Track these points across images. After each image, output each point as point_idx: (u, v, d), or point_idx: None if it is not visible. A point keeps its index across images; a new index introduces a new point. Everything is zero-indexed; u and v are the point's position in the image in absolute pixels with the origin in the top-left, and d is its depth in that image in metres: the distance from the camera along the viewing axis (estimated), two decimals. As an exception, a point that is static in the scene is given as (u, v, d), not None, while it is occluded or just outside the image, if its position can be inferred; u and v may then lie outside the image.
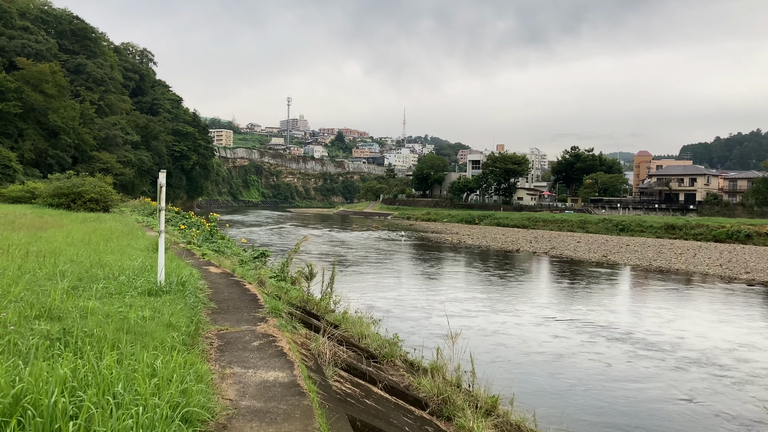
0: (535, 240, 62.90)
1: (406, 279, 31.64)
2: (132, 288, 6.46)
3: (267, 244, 49.46)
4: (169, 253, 11.15)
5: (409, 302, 23.37)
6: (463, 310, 22.08)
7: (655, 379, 14.28)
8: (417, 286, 28.68)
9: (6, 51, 79.05)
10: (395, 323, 17.20)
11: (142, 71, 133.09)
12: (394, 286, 28.02)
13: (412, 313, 20.77)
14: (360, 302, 19.32)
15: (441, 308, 21.41)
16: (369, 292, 25.19)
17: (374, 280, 29.84)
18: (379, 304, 21.77)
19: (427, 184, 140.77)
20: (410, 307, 22.27)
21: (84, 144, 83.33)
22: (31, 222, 16.88)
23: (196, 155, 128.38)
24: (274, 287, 12.44)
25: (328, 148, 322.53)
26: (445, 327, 17.06)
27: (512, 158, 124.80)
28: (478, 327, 19.06)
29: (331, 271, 11.74)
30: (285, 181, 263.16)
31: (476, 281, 31.46)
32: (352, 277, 30.30)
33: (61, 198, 26.91)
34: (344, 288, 21.91)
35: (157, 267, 8.66)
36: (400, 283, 29.52)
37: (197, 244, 18.46)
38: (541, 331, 19.13)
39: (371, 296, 23.89)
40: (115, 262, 8.53)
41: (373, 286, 27.36)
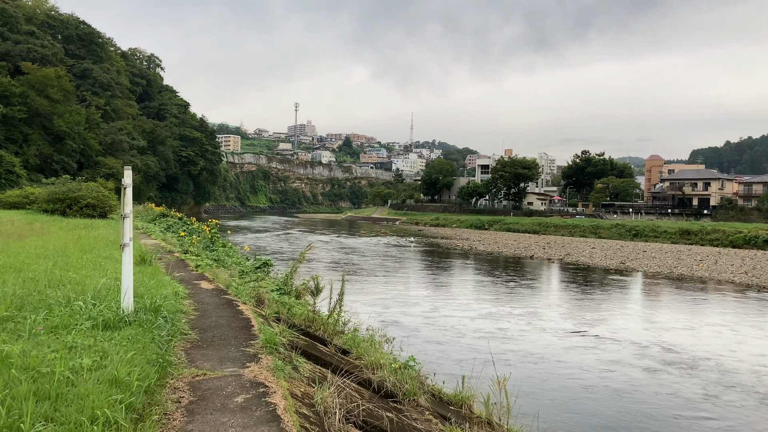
0: (548, 246, 61.28)
1: (421, 288, 29.84)
2: (85, 318, 5.05)
3: (273, 250, 48.10)
4: (155, 267, 9.76)
5: (429, 316, 21.25)
6: (497, 328, 19.62)
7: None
8: (434, 297, 26.68)
9: (11, 56, 78.33)
10: (416, 344, 15.56)
11: (149, 76, 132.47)
12: (409, 297, 26.14)
13: (435, 331, 18.71)
14: (372, 316, 17.81)
15: (467, 326, 19.39)
16: (381, 304, 23.43)
17: (386, 290, 28.10)
18: (395, 318, 20.12)
19: (435, 189, 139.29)
20: (431, 322, 20.16)
21: (89, 149, 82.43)
22: (15, 229, 15.57)
23: (203, 160, 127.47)
24: (276, 303, 11.03)
25: (335, 154, 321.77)
26: (476, 349, 15.51)
27: (522, 162, 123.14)
28: (519, 350, 16.79)
29: (340, 285, 10.29)
30: (293, 186, 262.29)
31: (500, 292, 29.29)
32: (362, 286, 28.68)
33: (57, 203, 25.64)
34: (354, 299, 20.37)
35: (137, 285, 7.27)
36: (414, 294, 27.68)
37: (195, 253, 17.08)
38: (595, 357, 16.54)
39: (384, 309, 22.13)
40: (81, 280, 7.14)
41: (385, 297, 25.48)
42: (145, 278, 7.96)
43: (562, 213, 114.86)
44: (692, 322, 22.51)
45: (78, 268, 8.32)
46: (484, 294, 28.39)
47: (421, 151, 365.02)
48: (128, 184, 5.32)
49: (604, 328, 20.69)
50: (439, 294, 28.06)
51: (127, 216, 5.32)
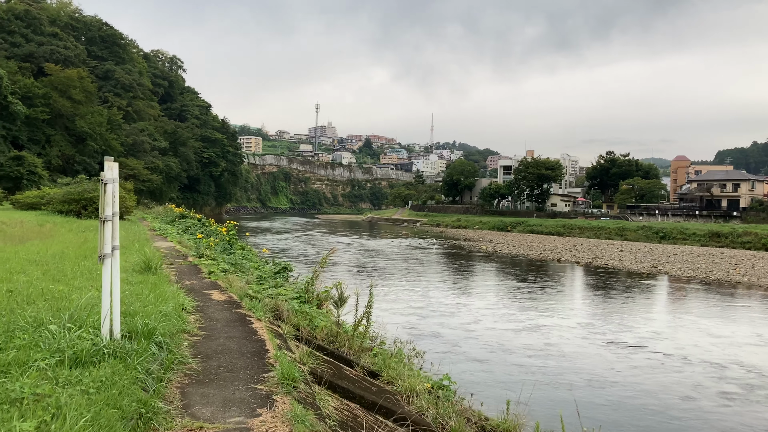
0: (574, 248, 59.63)
1: (450, 294, 27.97)
2: (52, 351, 3.99)
3: (293, 253, 47.22)
4: (160, 275, 8.75)
5: (466, 328, 19.26)
6: (546, 343, 17.44)
7: None
8: (468, 305, 24.64)
9: (35, 57, 78.64)
10: (454, 360, 14.13)
11: (171, 78, 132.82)
12: (440, 305, 24.18)
13: (474, 345, 16.91)
14: (399, 327, 16.62)
15: (512, 340, 17.57)
16: (408, 312, 21.84)
17: (413, 296, 26.54)
18: (426, 329, 18.51)
19: (457, 190, 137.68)
20: (469, 335, 18.09)
21: (111, 150, 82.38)
22: (21, 232, 14.73)
23: (224, 162, 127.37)
24: (296, 315, 9.97)
25: (356, 155, 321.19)
26: (524, 367, 13.75)
27: (545, 163, 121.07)
28: (576, 370, 14.54)
29: (367, 296, 9.16)
30: (313, 187, 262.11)
31: (539, 299, 27.27)
32: (386, 291, 27.23)
33: (71, 204, 24.92)
34: (378, 306, 19.24)
35: (132, 300, 6.24)
36: (444, 301, 25.74)
37: (210, 256, 16.10)
38: (670, 380, 14.39)
39: (412, 318, 20.49)
40: (67, 294, 6.14)
41: (413, 305, 23.68)
42: (145, 290, 6.94)
43: (587, 215, 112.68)
44: (764, 338, 20.32)
45: (70, 278, 7.33)
46: (522, 301, 26.52)
47: (442, 152, 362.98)
48: (110, 179, 4.27)
49: (667, 343, 18.62)
50: (471, 301, 26.17)
51: (108, 219, 4.25)
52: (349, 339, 9.08)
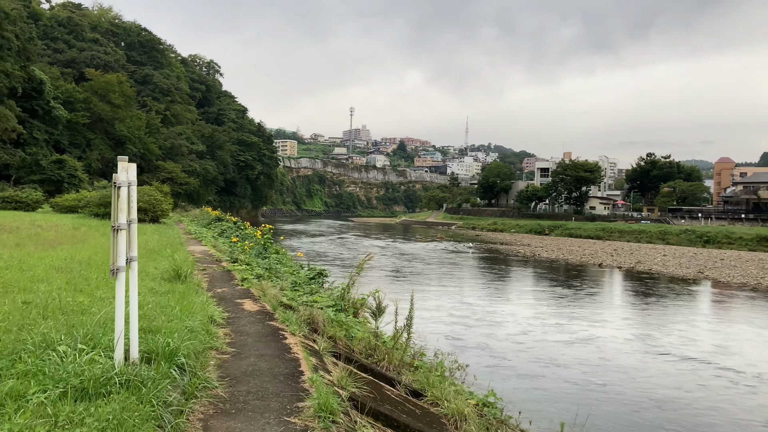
0: (615, 253, 58.00)
1: (493, 302, 26.66)
2: (59, 378, 3.48)
3: (328, 256, 46.90)
4: (189, 284, 8.28)
5: (513, 339, 17.98)
6: (601, 358, 15.99)
7: None
8: (511, 312, 23.62)
9: (76, 63, 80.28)
10: (501, 374, 13.23)
11: (208, 82, 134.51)
12: (482, 312, 23.10)
13: (522, 357, 15.71)
14: (440, 336, 15.93)
15: (565, 353, 16.24)
16: (449, 319, 20.78)
17: (452, 302, 25.48)
18: (468, 338, 17.50)
19: (492, 192, 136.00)
20: (515, 346, 16.82)
21: (150, 153, 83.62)
22: (55, 236, 14.55)
23: (260, 165, 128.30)
24: (332, 325, 9.42)
25: (390, 158, 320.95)
26: (579, 384, 12.65)
27: (584, 165, 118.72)
28: (642, 389, 13.12)
29: (408, 306, 8.53)
30: (347, 190, 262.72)
31: (586, 306, 26.00)
32: (424, 297, 26.02)
33: (107, 207, 24.90)
34: (417, 313, 18.63)
35: (156, 313, 5.76)
36: (488, 308, 24.36)
37: (245, 261, 15.71)
38: (753, 402, 13.05)
39: (454, 326, 19.43)
40: (87, 306, 5.69)
41: (454, 313, 22.27)
42: (172, 302, 6.47)
43: (626, 218, 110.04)
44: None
45: (93, 288, 6.91)
46: (570, 309, 25.13)
47: (477, 154, 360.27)
48: (123, 182, 3.76)
49: (736, 359, 17.23)
50: (517, 309, 24.84)
51: (123, 228, 3.73)
52: (388, 352, 8.48)
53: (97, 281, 7.43)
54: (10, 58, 53.80)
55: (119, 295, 3.85)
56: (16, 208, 31.66)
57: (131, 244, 3.96)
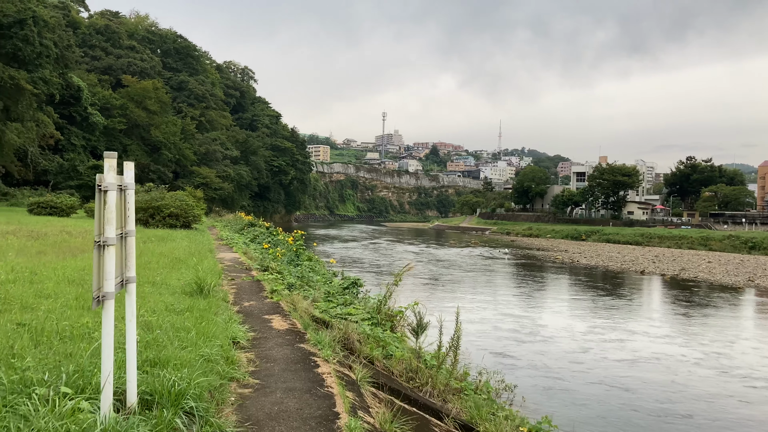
0: (657, 259, 55.98)
1: (541, 313, 24.87)
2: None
3: (361, 262, 46.17)
4: (211, 300, 7.54)
5: (570, 358, 16.11)
6: (674, 381, 14.27)
7: None
8: (568, 328, 21.54)
9: (113, 69, 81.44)
10: (560, 399, 11.84)
11: (242, 88, 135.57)
12: (533, 326, 21.37)
13: (583, 382, 13.82)
14: (484, 350, 14.91)
15: (630, 374, 14.54)
16: (495, 333, 19.12)
17: (495, 312, 23.85)
18: (518, 355, 16.03)
19: (527, 197, 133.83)
20: (575, 366, 14.98)
21: (184, 159, 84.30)
22: (81, 243, 14.07)
23: (294, 170, 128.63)
24: (369, 344, 8.59)
25: (422, 162, 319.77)
26: (652, 413, 11.06)
27: (621, 169, 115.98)
28: (738, 424, 11.46)
29: (455, 326, 7.61)
30: (380, 195, 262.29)
31: (641, 318, 24.32)
32: (465, 306, 24.44)
33: (138, 213, 24.57)
34: None
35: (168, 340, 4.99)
36: (539, 320, 22.82)
37: (276, 269, 15.01)
38: None
39: (502, 341, 17.80)
40: (89, 331, 4.95)
41: (498, 324, 20.97)
42: (189, 322, 5.72)
43: (666, 223, 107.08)
44: None
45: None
46: (625, 322, 23.24)
47: (510, 158, 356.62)
48: (113, 185, 2.96)
49: None
50: (571, 323, 23.04)
51: (110, 243, 2.92)
52: (432, 376, 7.60)
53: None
54: (48, 66, 54.52)
55: (106, 331, 3.06)
56: (51, 213, 31.72)
57: (128, 262, 3.20)
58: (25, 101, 51.51)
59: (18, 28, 51.44)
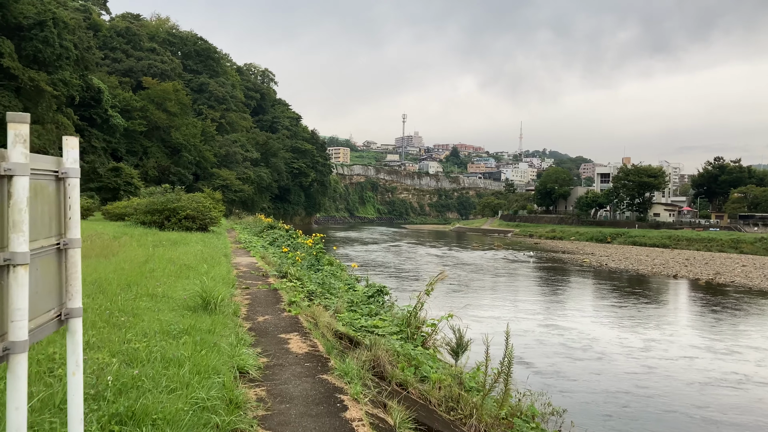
0: (688, 263, 54.08)
1: (583, 322, 22.78)
2: None
3: (384, 266, 45.06)
4: (219, 316, 6.47)
5: (633, 380, 14.02)
6: None
7: None
8: (624, 343, 19.21)
9: (134, 72, 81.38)
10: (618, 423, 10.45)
11: (263, 90, 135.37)
12: (581, 338, 19.30)
13: (655, 411, 11.81)
14: (527, 366, 13.60)
15: (704, 397, 12.82)
16: (538, 346, 17.40)
17: (533, 323, 21.87)
18: (568, 372, 14.42)
19: (550, 199, 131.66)
20: (640, 390, 12.92)
21: (205, 161, 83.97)
22: (89, 247, 13.14)
23: (314, 172, 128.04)
24: (398, 361, 7.48)
25: (442, 164, 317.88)
26: None
27: (647, 170, 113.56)
28: None
29: (505, 348, 6.43)
30: (400, 197, 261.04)
31: (692, 328, 22.55)
32: (501, 317, 22.75)
33: (154, 215, 23.73)
34: (497, 339, 16.17)
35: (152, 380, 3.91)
36: (584, 331, 20.86)
37: (295, 275, 13.96)
38: None
39: (549, 357, 16.00)
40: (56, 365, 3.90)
41: (541, 338, 19.02)
42: (185, 350, 4.66)
43: (693, 225, 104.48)
44: None
45: (86, 327, 5.19)
46: (682, 335, 21.20)
47: (532, 160, 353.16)
48: (18, 168, 1.87)
49: None
50: (616, 333, 21.07)
51: (17, 262, 1.76)
52: (476, 407, 6.44)
53: (92, 319, 5.70)
54: (68, 67, 54.34)
55: (12, 405, 1.93)
56: (67, 215, 31.06)
57: (69, 287, 2.14)
58: (44, 103, 51.34)
59: (38, 29, 51.31)
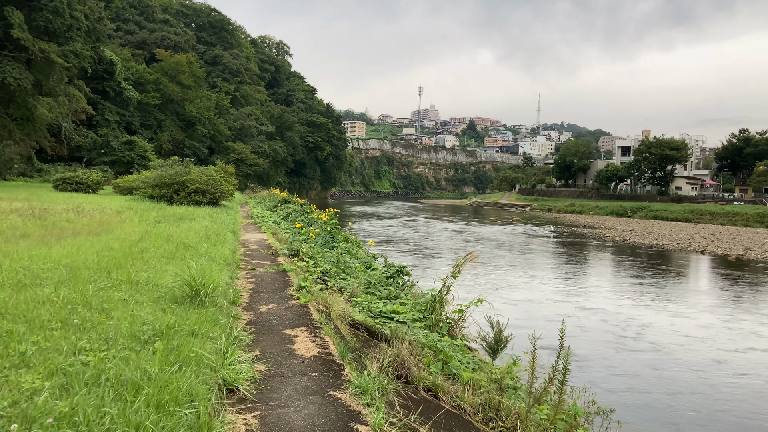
0: (714, 238, 52.38)
1: (622, 303, 20.84)
2: None
3: (401, 241, 43.97)
4: (209, 310, 5.37)
5: (699, 372, 12.36)
6: None
7: None
8: (664, 322, 17.63)
9: (147, 44, 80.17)
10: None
11: (277, 63, 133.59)
12: (624, 321, 17.42)
13: (733, 417, 9.98)
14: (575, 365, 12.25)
15: None
16: (581, 333, 15.46)
17: (571, 305, 19.88)
18: (617, 365, 12.64)
19: (570, 172, 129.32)
20: (713, 391, 11.15)
21: (219, 134, 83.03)
22: (87, 222, 12.16)
23: (329, 146, 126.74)
24: (424, 355, 6.42)
25: (459, 138, 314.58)
26: None
27: (669, 143, 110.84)
28: None
29: (559, 349, 5.28)
30: (416, 171, 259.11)
31: (746, 312, 20.50)
32: (529, 296, 21.11)
33: (163, 189, 22.75)
34: (528, 323, 14.75)
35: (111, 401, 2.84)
36: (627, 313, 18.88)
37: (307, 254, 12.89)
38: None
39: (585, 342, 14.33)
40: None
41: (583, 323, 17.01)
42: (154, 365, 3.58)
43: (716, 199, 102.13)
44: None
45: (32, 330, 4.12)
46: (737, 321, 19.00)
47: (550, 133, 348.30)
48: None
49: None
50: (666, 317, 18.83)
51: None
52: (521, 418, 5.34)
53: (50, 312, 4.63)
54: (79, 38, 53.20)
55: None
56: (76, 189, 30.27)
57: None
58: (56, 75, 50.34)
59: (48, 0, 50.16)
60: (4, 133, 48.92)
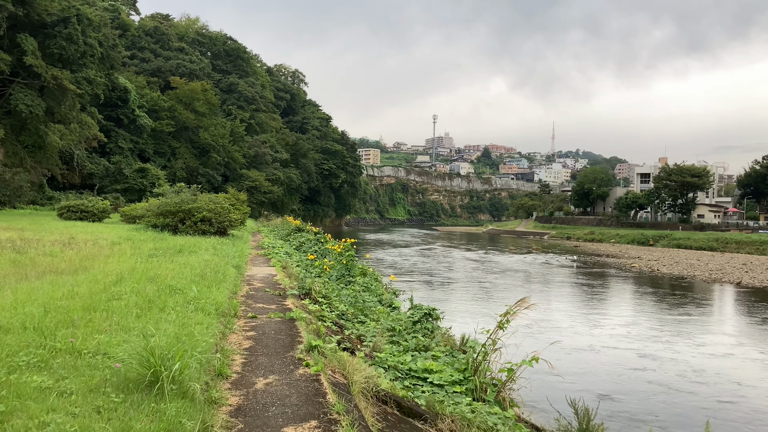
0: (747, 268, 50.05)
1: (670, 342, 18.97)
2: None
3: (420, 271, 42.16)
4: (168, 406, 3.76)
5: None
6: None
7: None
8: (721, 367, 15.99)
9: (162, 71, 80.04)
10: None
11: (293, 91, 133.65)
12: (680, 365, 15.72)
13: None
14: (620, 404, 10.60)
15: None
16: (632, 374, 14.00)
17: (617, 341, 18.13)
18: (669, 416, 10.98)
19: (588, 200, 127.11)
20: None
21: (234, 162, 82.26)
22: (69, 258, 10.66)
23: (344, 173, 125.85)
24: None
25: (474, 165, 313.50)
26: None
27: (690, 170, 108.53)
28: None
29: None
30: (430, 198, 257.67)
31: None
32: (571, 340, 18.70)
33: (167, 217, 21.33)
34: (571, 363, 13.04)
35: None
36: (679, 354, 17.19)
37: (320, 293, 11.25)
38: None
39: (648, 387, 12.75)
40: None
41: (635, 366, 15.30)
42: None
43: (740, 227, 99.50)
44: None
45: None
46: None
47: (565, 160, 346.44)
48: None
49: None
50: (720, 361, 17.04)
51: None
52: None
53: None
54: (93, 65, 52.74)
55: None
56: (81, 218, 28.99)
57: None
58: (68, 102, 49.73)
59: (62, 26, 49.74)
60: (15, 161, 48.16)
